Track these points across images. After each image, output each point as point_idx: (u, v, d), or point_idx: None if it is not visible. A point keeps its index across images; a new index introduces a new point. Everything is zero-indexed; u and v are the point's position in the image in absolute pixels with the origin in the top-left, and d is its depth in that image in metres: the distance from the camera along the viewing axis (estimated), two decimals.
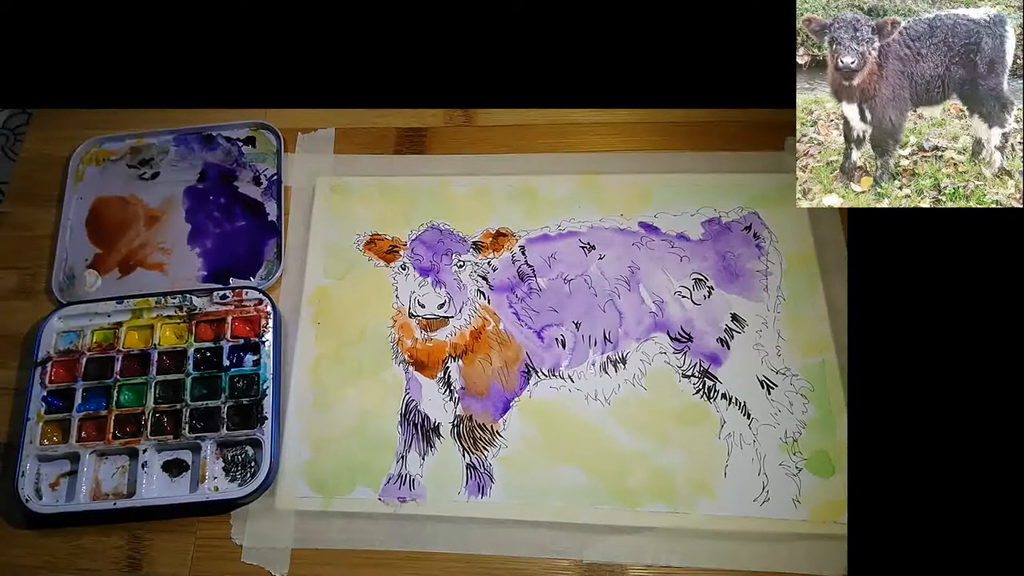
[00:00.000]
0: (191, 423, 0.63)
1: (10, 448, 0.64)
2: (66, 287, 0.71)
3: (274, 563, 0.59)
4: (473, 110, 0.78)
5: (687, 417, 0.63)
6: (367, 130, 0.78)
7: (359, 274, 0.71)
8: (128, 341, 0.67)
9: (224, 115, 0.79)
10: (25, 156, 0.80)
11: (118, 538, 0.61)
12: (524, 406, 0.64)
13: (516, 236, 0.71)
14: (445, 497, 0.61)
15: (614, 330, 0.67)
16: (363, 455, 0.63)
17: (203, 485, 0.61)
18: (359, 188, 0.75)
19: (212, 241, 0.73)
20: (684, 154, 0.75)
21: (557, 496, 0.61)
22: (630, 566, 0.58)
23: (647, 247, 0.70)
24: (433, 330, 0.67)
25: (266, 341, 0.66)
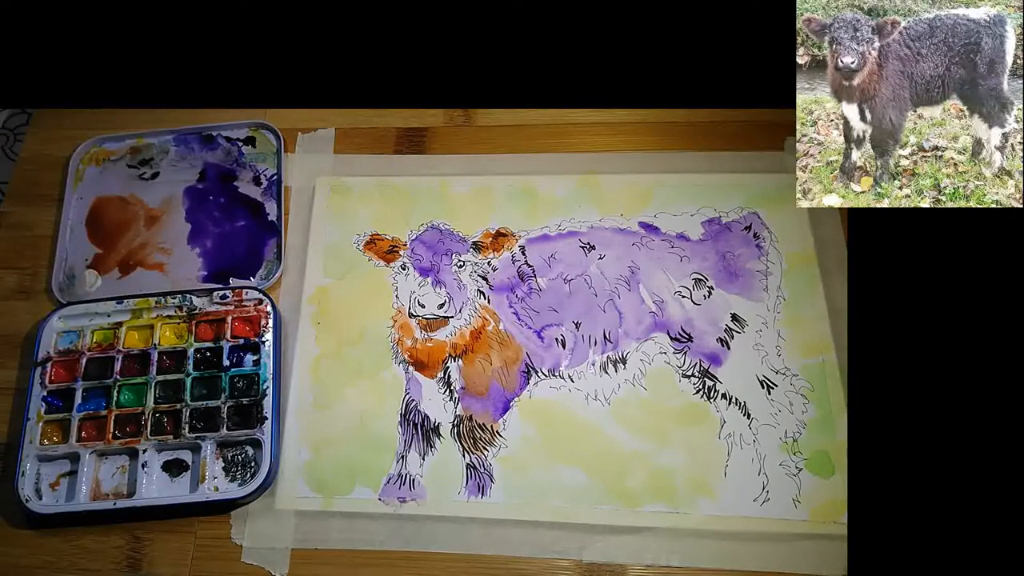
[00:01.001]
0: (191, 423, 0.63)
1: (10, 448, 0.64)
2: (66, 287, 0.71)
3: (274, 563, 0.59)
4: (473, 110, 0.78)
5: (687, 417, 0.63)
6: (367, 130, 0.78)
7: (359, 274, 0.71)
8: (128, 341, 0.67)
9: (224, 115, 0.79)
10: (25, 156, 0.80)
11: (118, 538, 0.61)
12: (524, 406, 0.64)
13: (516, 236, 0.71)
14: (445, 497, 0.61)
15: (614, 330, 0.67)
16: (363, 455, 0.63)
17: (203, 485, 0.61)
18: (359, 188, 0.75)
19: (212, 241, 0.73)
20: (684, 154, 0.75)
21: (557, 496, 0.61)
22: (630, 566, 0.58)
23: (647, 247, 0.70)
24: (433, 330, 0.67)
25: (266, 341, 0.66)
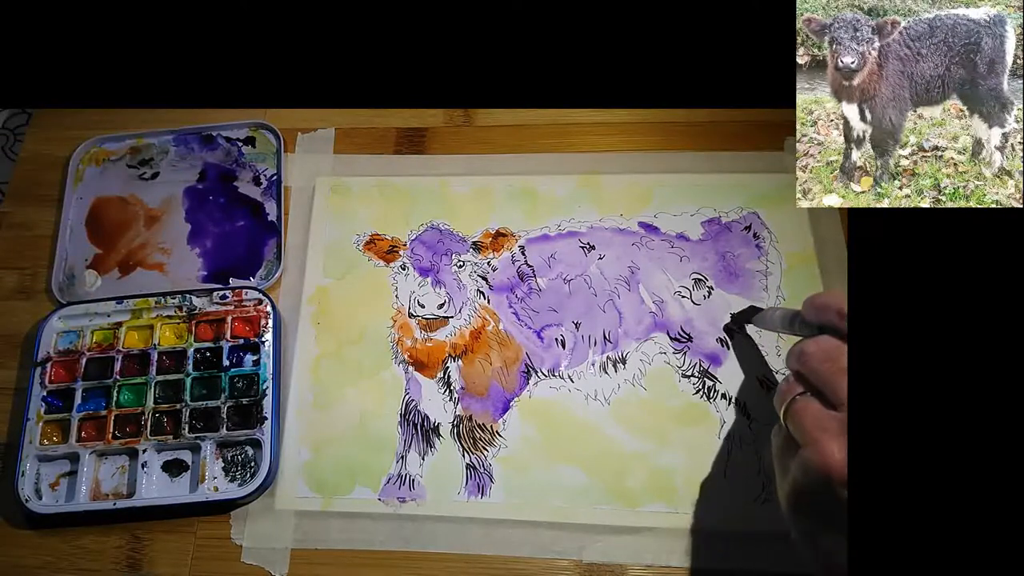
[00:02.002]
0: (191, 423, 0.63)
1: (10, 448, 0.64)
2: (66, 287, 0.71)
3: (274, 563, 0.59)
4: (473, 110, 0.78)
5: (687, 417, 0.63)
6: (367, 130, 0.78)
7: (359, 274, 0.71)
8: (128, 341, 0.67)
9: (224, 115, 0.79)
10: (25, 156, 0.80)
11: (118, 538, 0.61)
12: (524, 406, 0.64)
13: (516, 236, 0.71)
14: (445, 497, 0.61)
15: (614, 330, 0.67)
16: (363, 455, 0.63)
17: (203, 485, 0.61)
18: (359, 188, 0.75)
19: (212, 241, 0.73)
20: (684, 154, 0.75)
21: (557, 496, 0.61)
22: (630, 566, 0.58)
23: (647, 247, 0.70)
24: (433, 330, 0.67)
25: (266, 341, 0.66)
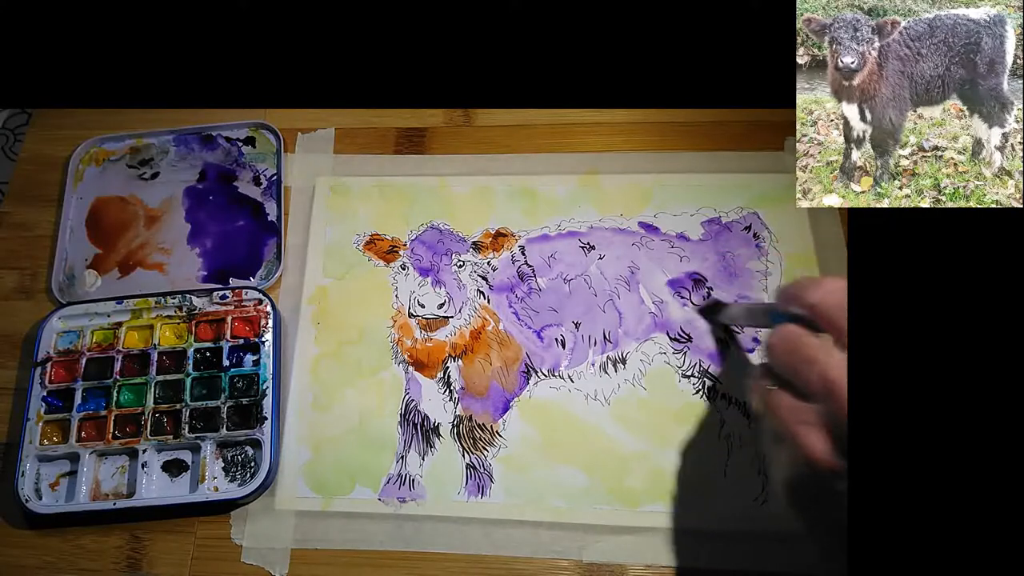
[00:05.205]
0: (191, 423, 0.63)
1: (10, 448, 0.64)
2: (66, 287, 0.71)
3: (274, 563, 0.59)
4: (473, 110, 0.78)
5: (687, 417, 0.63)
6: (367, 130, 0.78)
7: (359, 274, 0.71)
8: (128, 341, 0.67)
9: (224, 115, 0.79)
10: (25, 156, 0.80)
11: (118, 538, 0.61)
12: (524, 406, 0.64)
13: (516, 236, 0.71)
14: (445, 497, 0.61)
15: (614, 330, 0.67)
16: (363, 455, 0.63)
17: (203, 485, 0.61)
18: (359, 188, 0.75)
19: (212, 241, 0.73)
20: (684, 154, 0.75)
21: (557, 496, 0.61)
22: (630, 566, 0.58)
23: (647, 247, 0.70)
24: (433, 330, 0.67)
25: (266, 341, 0.66)
